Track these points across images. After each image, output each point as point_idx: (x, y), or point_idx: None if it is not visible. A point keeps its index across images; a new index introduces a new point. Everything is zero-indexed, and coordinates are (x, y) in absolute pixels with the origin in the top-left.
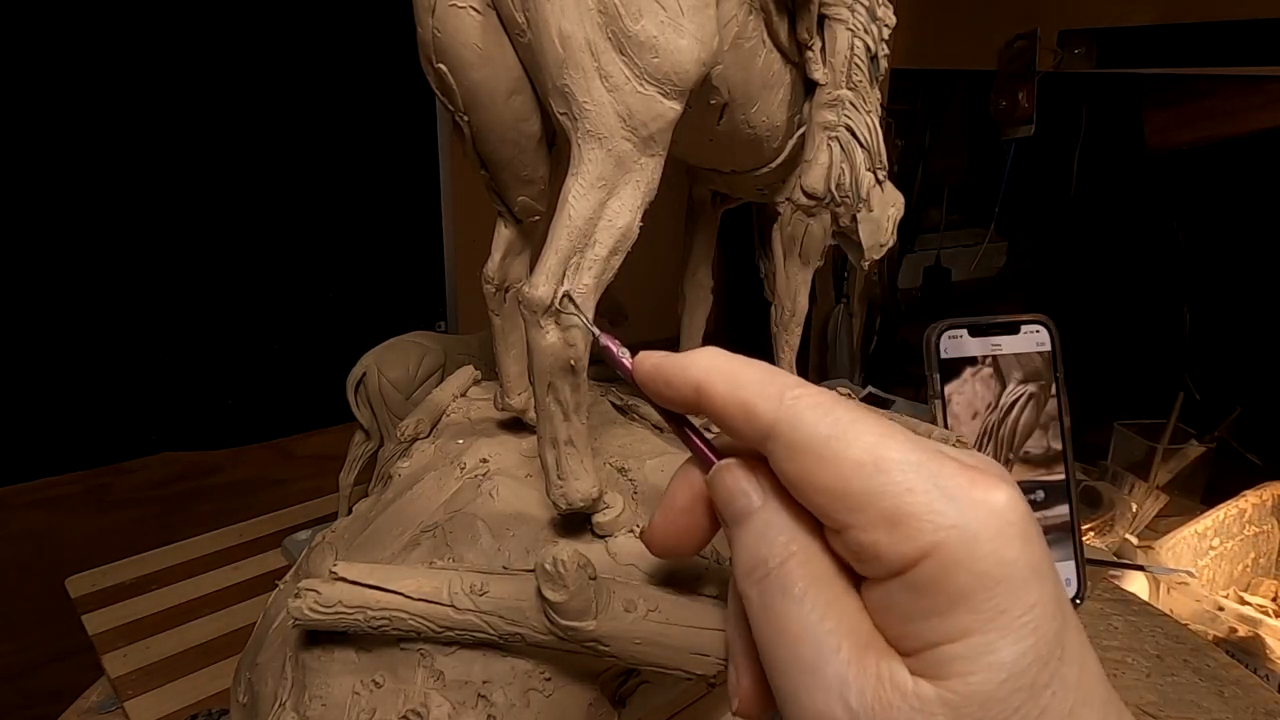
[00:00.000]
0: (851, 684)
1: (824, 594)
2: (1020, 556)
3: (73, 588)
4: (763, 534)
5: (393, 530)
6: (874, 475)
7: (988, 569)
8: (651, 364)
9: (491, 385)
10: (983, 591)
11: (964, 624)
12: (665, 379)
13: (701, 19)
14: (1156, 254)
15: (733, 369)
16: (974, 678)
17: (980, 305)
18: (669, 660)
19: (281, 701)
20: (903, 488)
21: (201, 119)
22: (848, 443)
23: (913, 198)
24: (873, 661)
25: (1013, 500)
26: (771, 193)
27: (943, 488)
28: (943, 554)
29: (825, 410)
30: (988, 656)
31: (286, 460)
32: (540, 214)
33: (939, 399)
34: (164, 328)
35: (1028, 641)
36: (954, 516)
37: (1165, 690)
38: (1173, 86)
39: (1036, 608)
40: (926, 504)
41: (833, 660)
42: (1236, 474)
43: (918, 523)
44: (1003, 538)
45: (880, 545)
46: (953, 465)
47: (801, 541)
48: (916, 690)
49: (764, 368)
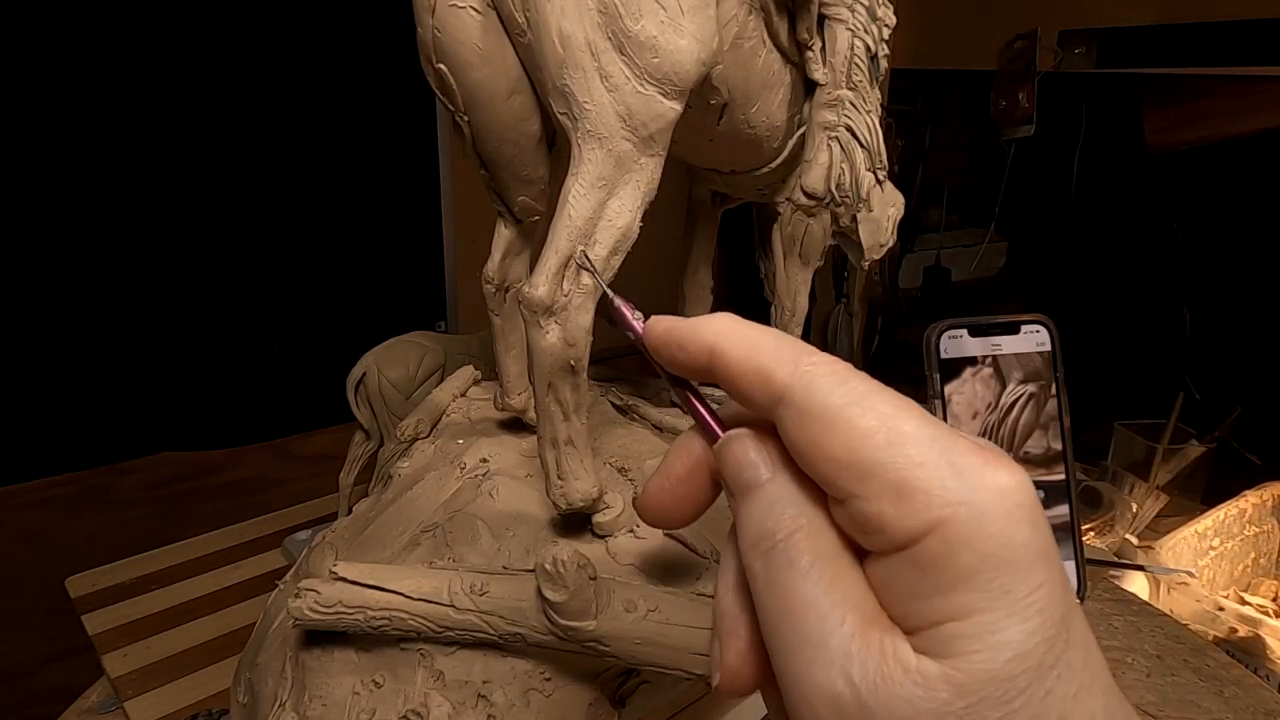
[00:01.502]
0: (855, 658)
1: (830, 567)
2: (1028, 539)
3: (73, 588)
4: (770, 506)
5: (393, 530)
6: (885, 446)
7: (994, 549)
8: (664, 328)
9: (491, 385)
10: (989, 571)
11: (969, 603)
12: (678, 342)
13: (701, 19)
14: (1156, 254)
15: (748, 333)
16: (978, 656)
17: (980, 305)
18: (669, 660)
19: (281, 701)
20: (914, 460)
21: (201, 119)
22: (861, 411)
23: (913, 198)
24: (876, 636)
25: (1023, 483)
26: (771, 193)
27: (955, 464)
28: (949, 530)
29: (841, 379)
30: (993, 636)
31: (286, 460)
32: (540, 214)
33: (939, 399)
34: (163, 328)
35: (1034, 622)
36: (963, 493)
37: (1165, 690)
38: (1172, 86)
39: (1043, 589)
40: (937, 479)
41: (836, 633)
42: (1236, 474)
43: (926, 497)
44: (1011, 519)
45: (886, 517)
46: (966, 444)
47: (809, 515)
48: (920, 667)
49: (779, 334)
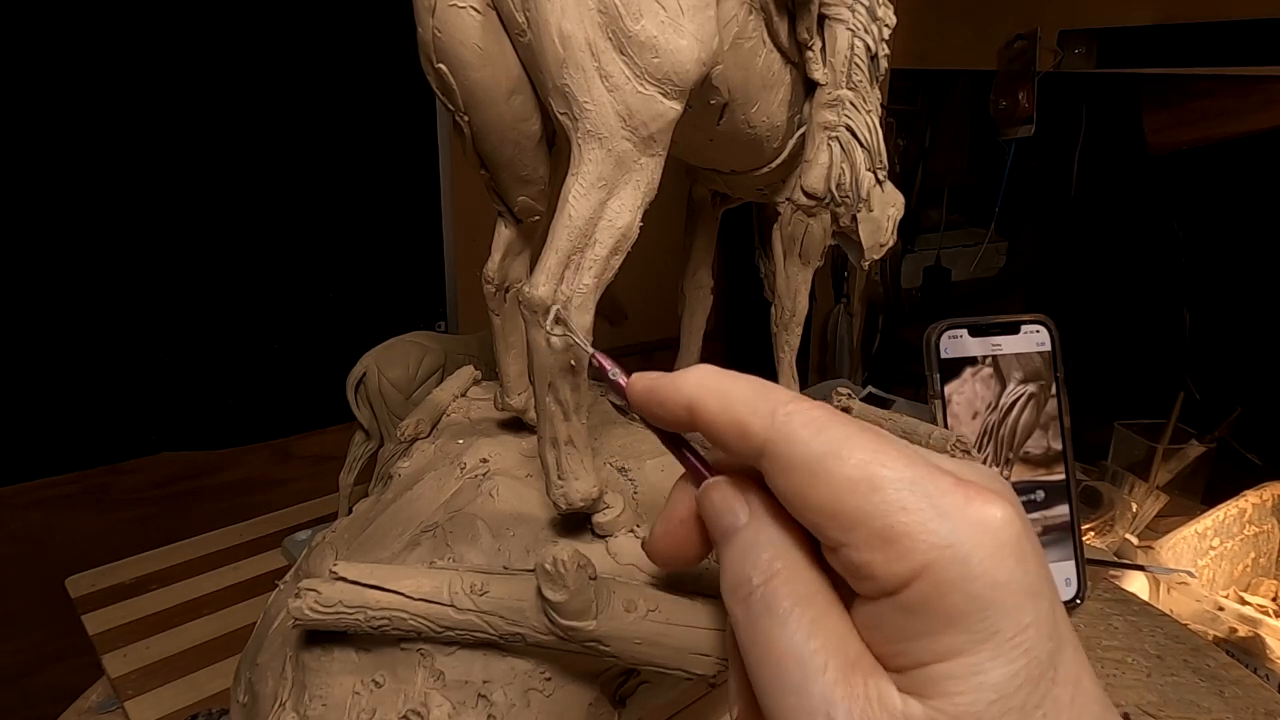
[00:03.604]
0: (838, 703)
1: (809, 612)
2: (1014, 577)
3: (73, 588)
4: (747, 551)
5: (393, 530)
6: (867, 494)
7: (980, 590)
8: (644, 385)
9: (491, 385)
10: (975, 613)
11: (955, 644)
12: (659, 400)
13: (701, 19)
14: (1156, 254)
15: (724, 386)
16: (962, 698)
17: (980, 305)
18: (669, 660)
19: (281, 701)
20: (896, 506)
21: (201, 119)
22: (841, 460)
23: (913, 198)
24: (860, 680)
25: (1008, 517)
26: (771, 193)
27: (937, 506)
28: (935, 574)
29: (819, 427)
30: (977, 677)
31: (286, 460)
32: (540, 214)
33: (939, 399)
34: (163, 328)
35: (1018, 664)
36: (947, 536)
37: (1165, 690)
38: (1172, 86)
39: (1030, 629)
40: (920, 523)
41: (818, 680)
42: (1236, 474)
43: (911, 542)
44: (996, 558)
45: (874, 565)
46: (948, 481)
47: (787, 558)
48: (905, 709)
49: (756, 383)
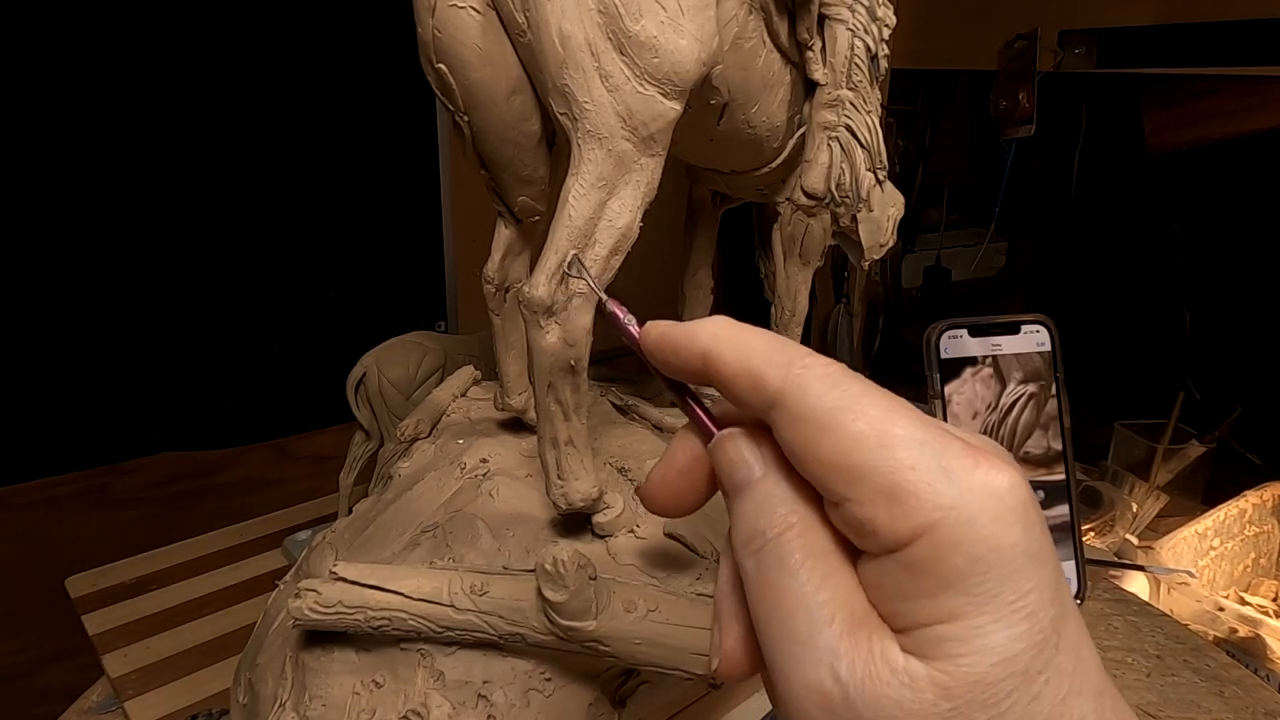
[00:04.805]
0: (842, 656)
1: (820, 567)
2: (1018, 541)
3: (73, 588)
4: (762, 505)
5: (393, 530)
6: (876, 450)
7: (983, 553)
8: (659, 332)
9: (491, 385)
10: (977, 575)
11: (956, 606)
12: (672, 347)
13: (701, 19)
14: (1156, 254)
15: (741, 336)
16: (965, 660)
17: (980, 305)
18: (669, 660)
19: (281, 702)
20: (905, 464)
21: (201, 119)
22: (853, 415)
23: (913, 198)
24: (865, 636)
25: (1015, 483)
26: (771, 193)
27: (945, 467)
28: (939, 534)
29: (834, 381)
30: (979, 640)
31: (286, 460)
32: (540, 214)
33: (939, 399)
34: (163, 327)
35: (1021, 627)
36: (953, 497)
37: (1165, 690)
38: (1172, 87)
39: (1032, 594)
40: (927, 482)
41: (824, 632)
42: (1237, 474)
43: (916, 500)
44: (1001, 522)
45: (878, 521)
46: (958, 445)
47: (800, 513)
48: (907, 667)
49: (773, 336)
